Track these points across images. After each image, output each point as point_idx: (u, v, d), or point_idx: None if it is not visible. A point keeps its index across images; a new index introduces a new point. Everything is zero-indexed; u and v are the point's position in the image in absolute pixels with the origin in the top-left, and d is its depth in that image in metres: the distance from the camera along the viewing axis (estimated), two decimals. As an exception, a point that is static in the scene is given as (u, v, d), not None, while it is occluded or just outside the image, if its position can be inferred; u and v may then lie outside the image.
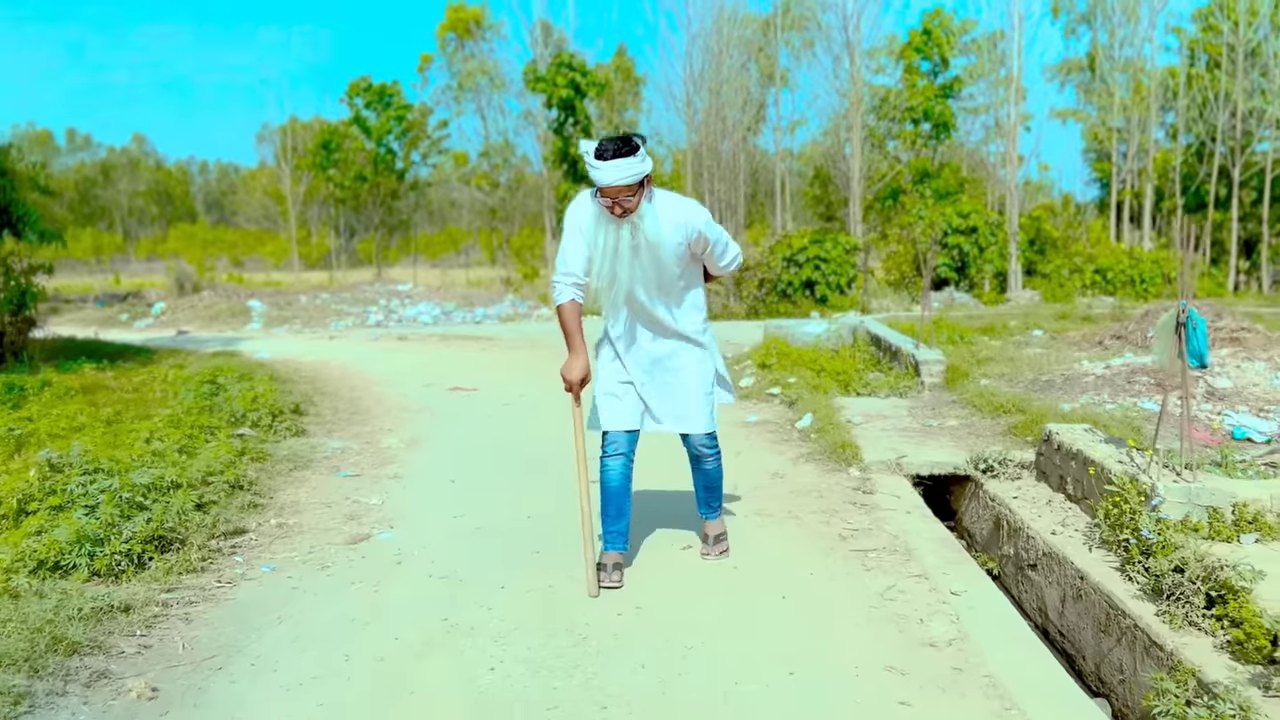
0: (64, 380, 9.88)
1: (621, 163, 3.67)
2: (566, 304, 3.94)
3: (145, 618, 3.70)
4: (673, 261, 3.98)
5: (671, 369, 4.18)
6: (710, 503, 4.48)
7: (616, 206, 3.78)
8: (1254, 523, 4.28)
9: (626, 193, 3.75)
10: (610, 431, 4.16)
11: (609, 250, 3.85)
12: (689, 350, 4.20)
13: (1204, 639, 3.52)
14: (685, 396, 4.19)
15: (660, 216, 3.89)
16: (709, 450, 4.31)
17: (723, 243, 4.14)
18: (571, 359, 3.96)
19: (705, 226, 3.98)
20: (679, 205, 3.98)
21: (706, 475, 4.40)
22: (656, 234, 3.86)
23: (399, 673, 3.27)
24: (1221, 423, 6.78)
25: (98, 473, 5.11)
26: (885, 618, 3.77)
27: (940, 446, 6.68)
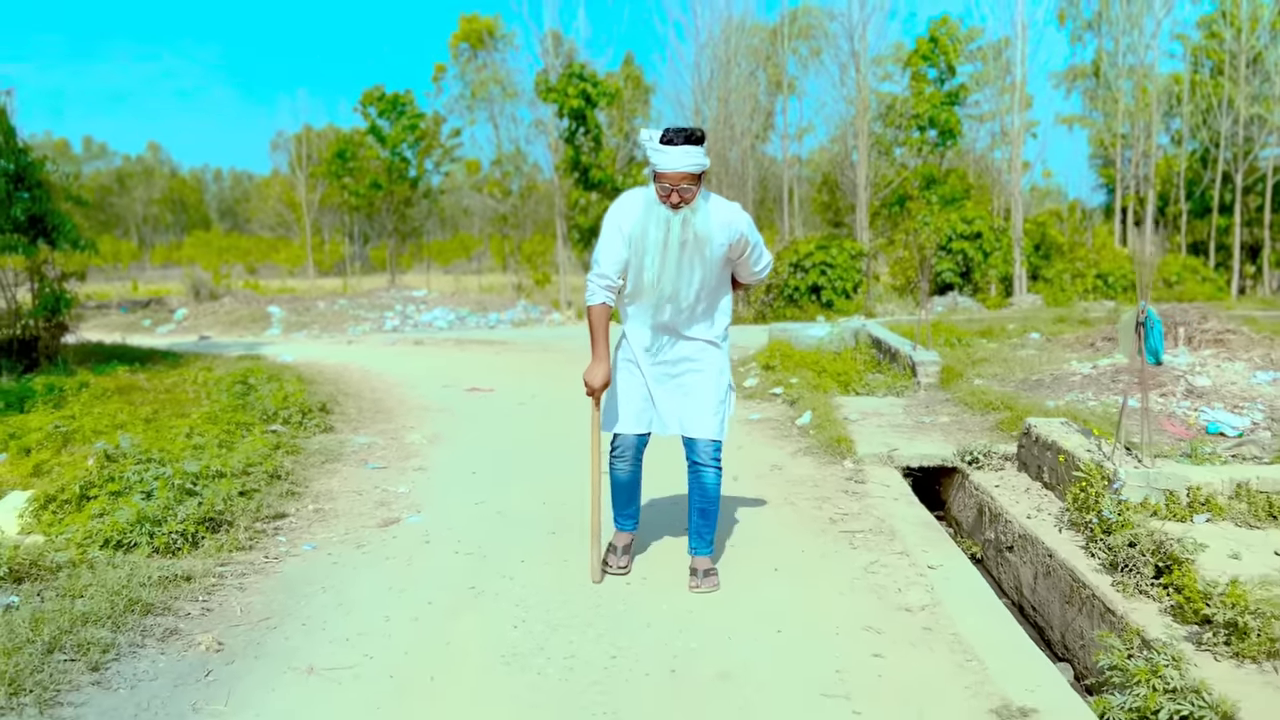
0: (100, 382, 10.35)
1: (690, 149, 3.70)
2: (597, 306, 3.94)
3: (204, 586, 4.15)
4: (715, 262, 3.96)
5: (690, 372, 4.12)
6: (703, 533, 4.24)
7: (675, 194, 3.76)
8: (1206, 504, 4.70)
9: (687, 181, 3.74)
10: (620, 434, 4.18)
11: (657, 244, 3.83)
12: (709, 354, 4.14)
13: (1151, 605, 3.94)
14: (700, 401, 4.11)
15: (713, 213, 3.90)
16: (713, 460, 4.16)
17: (759, 248, 4.13)
18: (595, 364, 3.96)
19: (748, 229, 3.99)
20: (725, 206, 3.97)
21: (704, 491, 4.19)
22: (707, 229, 3.84)
23: (435, 629, 3.72)
24: (1198, 418, 7.18)
25: (150, 462, 5.57)
26: (867, 587, 4.20)
27: (931, 441, 7.09)
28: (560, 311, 25.58)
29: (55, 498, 5.33)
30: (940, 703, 3.12)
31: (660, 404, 4.14)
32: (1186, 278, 22.60)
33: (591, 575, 4.19)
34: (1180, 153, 30.09)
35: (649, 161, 3.80)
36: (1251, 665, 3.35)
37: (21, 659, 3.13)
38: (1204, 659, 3.42)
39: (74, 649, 3.33)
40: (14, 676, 3.04)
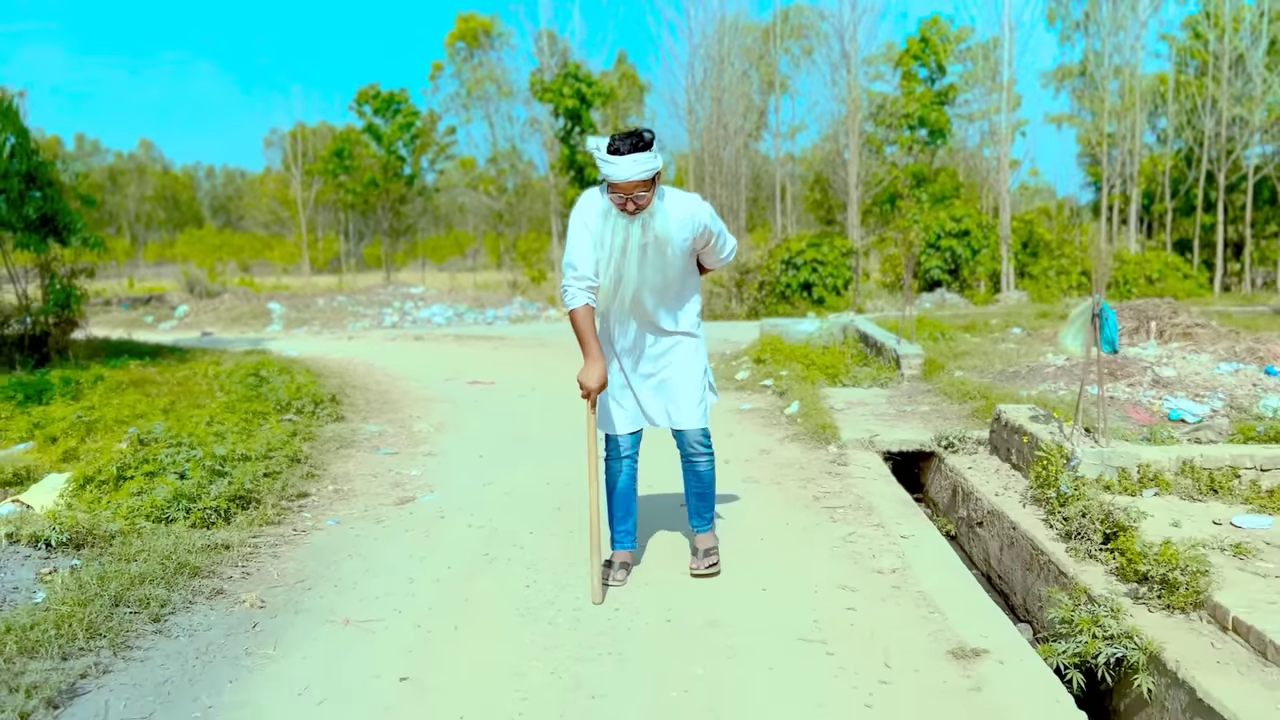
0: (114, 375, 10.73)
1: (638, 157, 3.62)
2: (580, 309, 3.86)
3: (242, 554, 4.56)
4: (679, 258, 3.95)
5: (666, 365, 4.14)
6: (702, 513, 4.35)
7: (630, 204, 3.72)
8: (1154, 480, 5.14)
9: (640, 189, 3.69)
10: (613, 435, 4.20)
11: (618, 250, 3.81)
12: (684, 344, 4.16)
13: (1099, 567, 4.37)
14: (681, 392, 4.14)
15: (673, 211, 3.87)
16: (703, 449, 4.21)
17: (723, 235, 4.13)
18: (589, 365, 3.88)
19: (710, 220, 3.97)
20: (683, 200, 3.93)
21: (699, 479, 4.27)
22: (666, 231, 3.82)
23: (455, 588, 4.14)
24: (1161, 406, 7.62)
25: (181, 446, 5.98)
26: (844, 554, 4.63)
27: (910, 428, 7.53)
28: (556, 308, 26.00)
29: (93, 478, 5.73)
30: (904, 646, 3.55)
31: (643, 400, 4.17)
32: (1168, 275, 23.09)
33: (592, 596, 3.97)
34: (1165, 152, 30.59)
35: (599, 171, 3.73)
36: (1179, 615, 3.78)
37: (93, 609, 3.55)
38: (1139, 610, 3.85)
39: (136, 603, 3.74)
40: (90, 623, 3.46)
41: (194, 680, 3.25)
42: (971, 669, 3.37)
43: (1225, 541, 4.33)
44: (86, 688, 3.14)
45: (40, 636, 3.29)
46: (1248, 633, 3.48)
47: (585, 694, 3.15)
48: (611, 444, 4.22)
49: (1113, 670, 3.65)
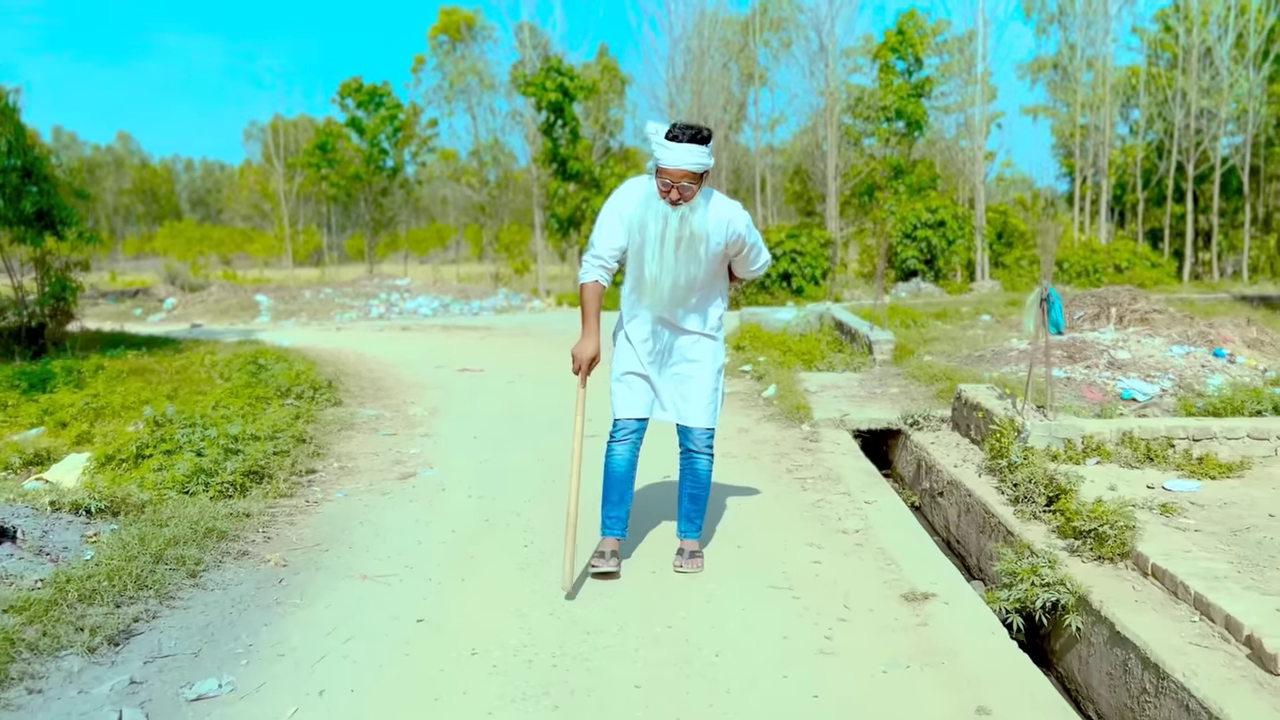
0: (114, 364, 11.07)
1: (693, 148, 3.71)
2: (590, 283, 3.98)
3: (262, 522, 4.97)
4: (710, 259, 3.98)
5: (685, 361, 4.19)
6: (693, 517, 4.36)
7: (674, 191, 3.78)
8: (1097, 449, 5.62)
9: (688, 179, 3.75)
10: (621, 418, 4.23)
11: (654, 239, 3.86)
12: (704, 344, 4.21)
13: (1042, 526, 4.84)
14: (694, 389, 4.19)
15: (712, 212, 3.93)
16: (706, 448, 4.27)
17: (758, 247, 4.17)
18: (584, 339, 3.97)
19: (746, 230, 4.02)
20: (725, 204, 3.99)
21: (696, 478, 4.30)
22: (703, 227, 3.87)
23: (460, 549, 4.57)
24: (1114, 386, 8.11)
25: (194, 426, 6.37)
26: (813, 517, 5.08)
27: (879, 408, 8.00)
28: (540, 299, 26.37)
29: (114, 457, 6.12)
30: (862, 591, 4.01)
31: (659, 392, 4.22)
32: (1137, 263, 23.71)
33: (563, 584, 3.94)
34: (1137, 143, 31.25)
35: (652, 155, 3.79)
36: (1108, 564, 4.25)
37: (138, 565, 3.95)
38: (1074, 562, 4.32)
39: (174, 561, 4.15)
40: (137, 576, 3.86)
41: (233, 624, 3.66)
42: (920, 609, 3.83)
43: (1155, 502, 4.81)
44: (140, 629, 3.55)
45: (96, 586, 3.70)
46: (1163, 576, 3.95)
47: (581, 630, 3.59)
48: (618, 426, 4.23)
49: (1049, 614, 4.11)
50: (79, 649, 3.30)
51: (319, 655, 3.40)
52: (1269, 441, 5.59)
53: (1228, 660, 3.28)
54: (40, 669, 3.16)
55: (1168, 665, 3.29)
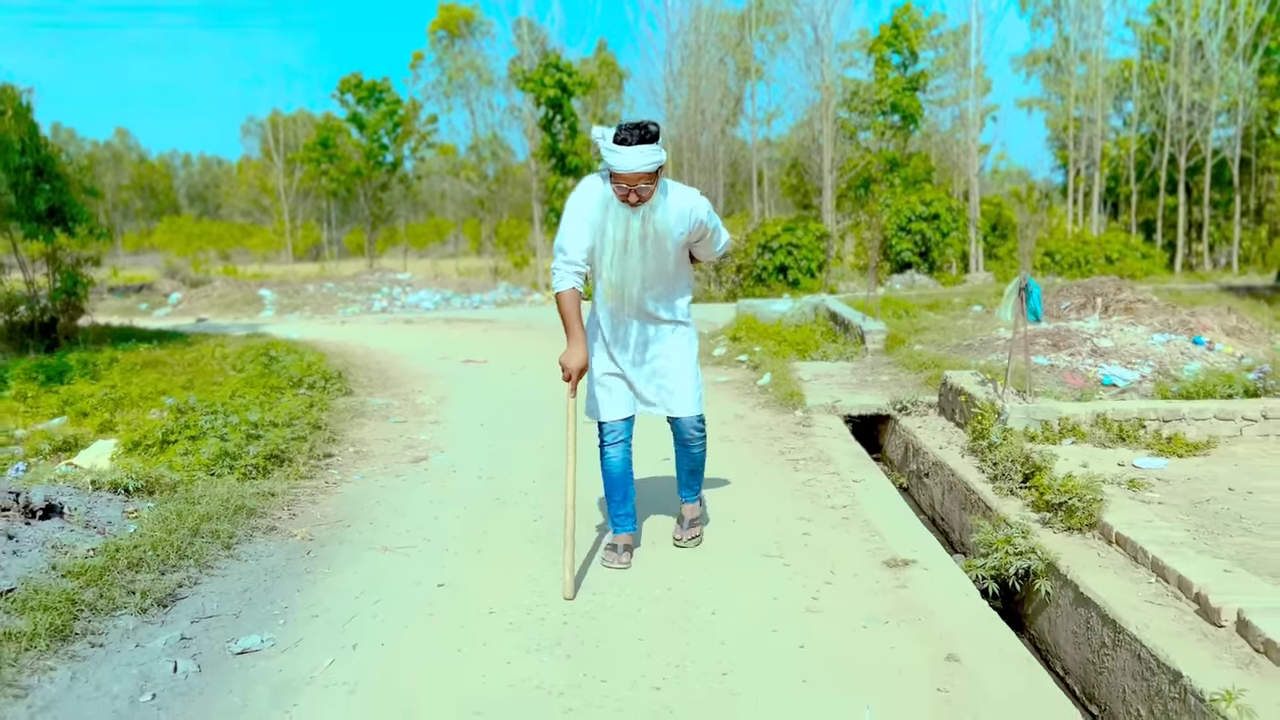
0: (128, 357, 11.38)
1: (644, 149, 3.65)
2: (567, 292, 3.90)
3: (286, 501, 5.29)
4: (674, 250, 3.97)
5: (661, 354, 4.19)
6: (692, 485, 4.51)
7: (632, 195, 3.73)
8: (1073, 430, 5.94)
9: (644, 180, 3.70)
10: (605, 422, 4.22)
11: (618, 242, 3.84)
12: (677, 333, 4.22)
13: (1018, 501, 5.16)
14: (675, 379, 4.21)
15: (672, 204, 3.90)
16: (698, 434, 4.34)
17: (717, 229, 4.15)
18: (571, 347, 3.94)
19: (707, 215, 3.99)
20: (682, 194, 3.94)
21: (692, 459, 4.41)
22: (666, 223, 3.85)
23: (473, 523, 4.89)
24: (1096, 373, 8.44)
25: (216, 413, 6.69)
26: (804, 494, 5.41)
27: (870, 395, 8.32)
28: (540, 293, 26.68)
29: (140, 443, 6.43)
30: (847, 558, 4.33)
31: (639, 387, 4.22)
32: (1128, 255, 24.04)
33: (564, 591, 3.90)
34: (1131, 135, 31.55)
35: (603, 160, 3.76)
36: (1077, 534, 4.57)
37: (178, 537, 4.27)
38: (1046, 533, 4.64)
39: (209, 535, 4.47)
40: (178, 547, 4.19)
41: (268, 589, 3.99)
42: (901, 574, 4.16)
43: (1123, 478, 5.14)
44: (184, 594, 3.88)
45: (142, 556, 4.02)
46: (1125, 543, 4.28)
47: (588, 591, 3.92)
48: (604, 430, 4.22)
49: (1021, 580, 4.44)
50: (132, 609, 3.62)
51: (349, 615, 3.72)
52: (1234, 422, 5.92)
53: (1178, 615, 3.60)
54: (100, 626, 3.49)
55: (1124, 620, 3.61)
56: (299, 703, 3.04)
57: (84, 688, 3.08)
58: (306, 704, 3.04)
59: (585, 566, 4.25)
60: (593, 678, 3.18)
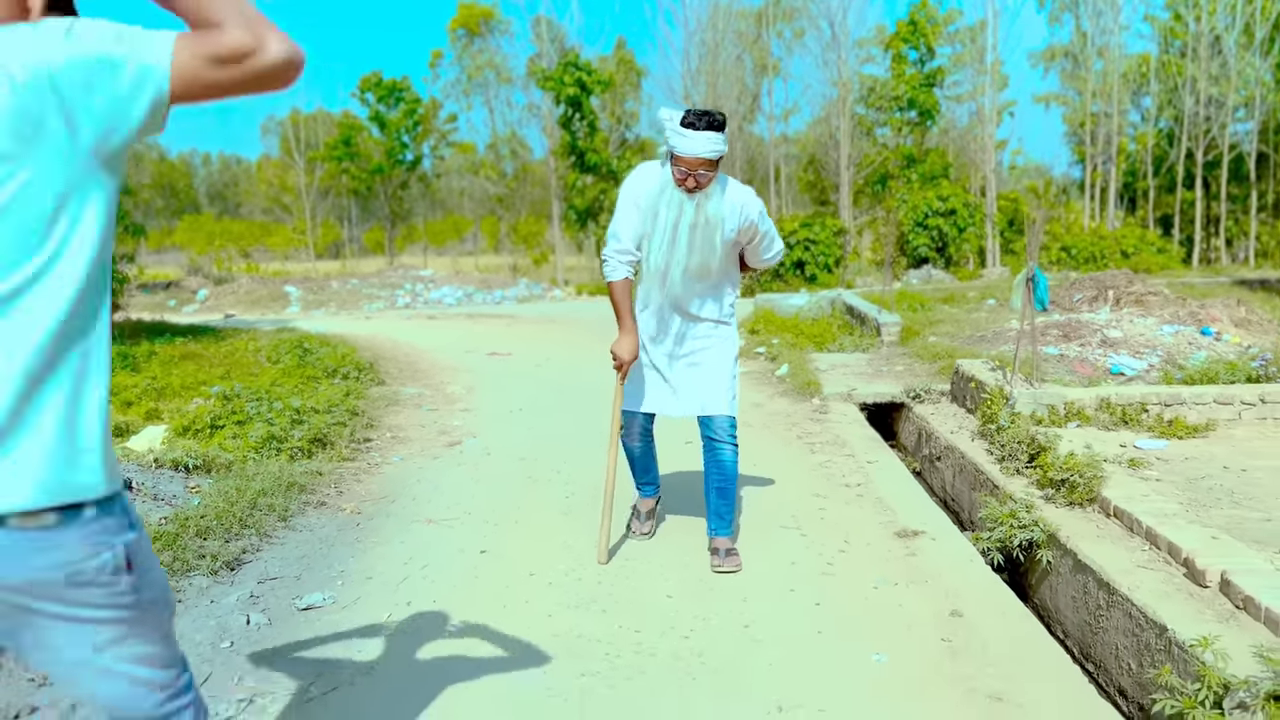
0: (165, 350, 11.78)
1: (711, 135, 3.64)
2: (619, 282, 3.94)
3: (332, 479, 5.63)
4: (724, 246, 3.92)
5: (698, 350, 4.14)
6: (722, 513, 4.20)
7: (690, 179, 3.72)
8: (1078, 414, 6.22)
9: (705, 167, 3.69)
10: (627, 410, 4.26)
11: (667, 227, 3.82)
12: (717, 332, 4.16)
13: (1023, 479, 5.44)
14: (711, 378, 4.12)
15: (727, 199, 3.87)
16: (728, 437, 4.15)
17: (770, 235, 4.08)
18: (622, 337, 3.97)
19: (759, 217, 3.95)
20: (739, 190, 3.92)
21: (721, 469, 4.16)
22: (719, 214, 3.82)
23: (510, 499, 5.23)
24: (1105, 362, 8.70)
25: (261, 400, 7.04)
26: (820, 474, 5.71)
27: (885, 384, 8.61)
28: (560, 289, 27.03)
29: (189, 428, 6.79)
30: (860, 530, 4.64)
31: (674, 384, 4.16)
32: (1144, 249, 24.18)
33: (598, 556, 4.17)
34: (1148, 130, 31.63)
35: (667, 141, 3.74)
36: (1077, 508, 4.86)
37: (238, 509, 4.62)
38: (1049, 508, 4.93)
39: (266, 508, 4.81)
40: (239, 517, 4.54)
41: (324, 556, 4.33)
42: (910, 544, 4.46)
43: (1124, 458, 5.41)
44: (248, 559, 4.22)
45: (208, 525, 4.36)
46: (1122, 515, 4.56)
47: (621, 557, 4.24)
48: (626, 419, 4.30)
49: (1025, 552, 4.73)
50: (204, 571, 3.97)
51: (401, 578, 4.05)
52: (1233, 406, 6.18)
53: (1167, 578, 3.88)
54: (177, 585, 3.83)
55: (1117, 583, 3.90)
56: (363, 649, 3.37)
57: (169, 636, 3.42)
58: (370, 650, 3.36)
59: (618, 543, 4.57)
60: (627, 629, 3.50)
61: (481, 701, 2.98)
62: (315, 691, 3.08)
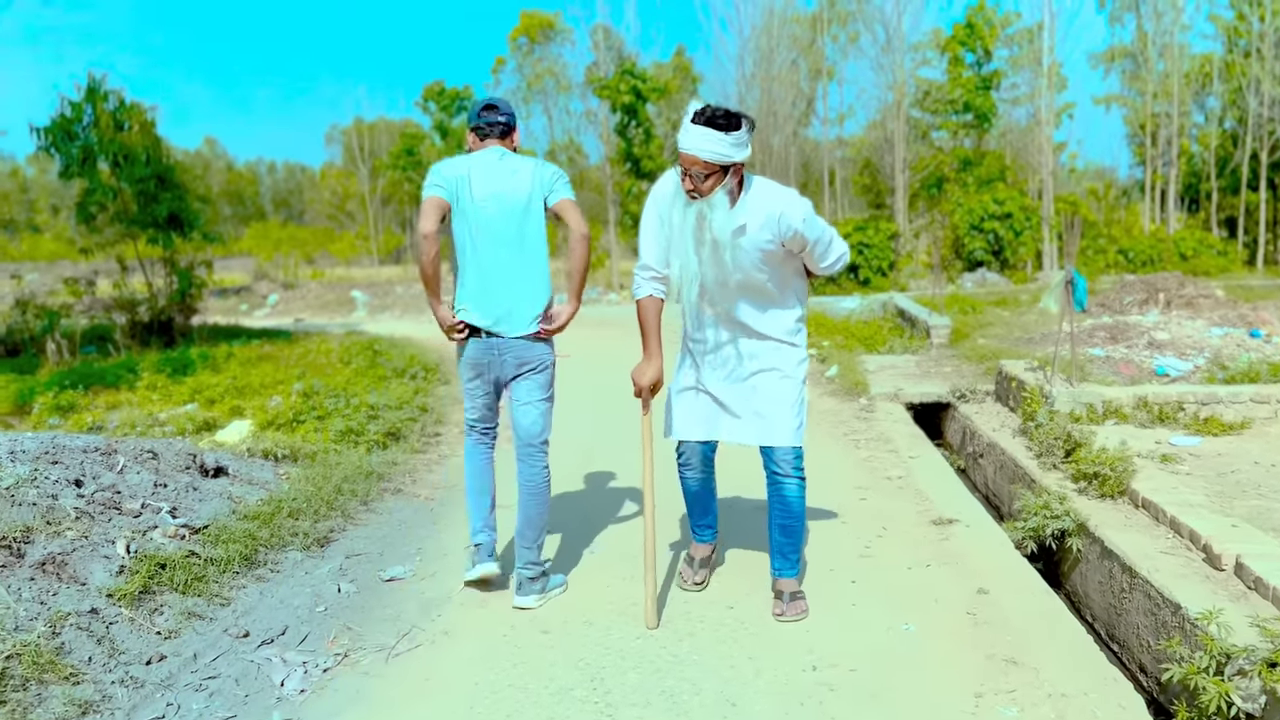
0: (242, 351, 12.42)
1: (708, 133, 3.23)
2: (644, 300, 3.63)
3: (406, 469, 6.07)
4: (758, 260, 3.50)
5: (759, 371, 3.70)
6: (787, 552, 3.80)
7: (687, 179, 3.35)
8: (1115, 413, 6.44)
9: (700, 169, 3.29)
10: (678, 439, 3.93)
11: (681, 231, 3.48)
12: (778, 352, 3.71)
13: (1059, 474, 5.69)
14: (772, 403, 3.68)
15: (751, 209, 3.42)
16: (793, 471, 3.74)
17: (824, 241, 3.55)
18: (644, 362, 3.66)
19: (804, 225, 3.41)
20: (773, 198, 3.43)
21: (785, 505, 3.75)
22: (724, 230, 3.40)
23: (571, 480, 5.62)
24: (1150, 363, 8.84)
25: (339, 397, 7.53)
26: (864, 468, 6.01)
27: (932, 384, 8.85)
28: (615, 293, 27.46)
29: (273, 422, 7.30)
30: (898, 518, 4.94)
31: (732, 408, 3.75)
32: (1203, 251, 23.91)
33: (646, 620, 3.64)
34: (1212, 131, 31.15)
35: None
36: (1108, 500, 5.11)
37: (324, 493, 5.07)
38: (1081, 499, 5.18)
39: (349, 493, 5.26)
40: (326, 500, 4.99)
41: (403, 536, 4.75)
42: (945, 530, 4.76)
43: (1157, 453, 5.64)
44: (335, 537, 4.66)
45: (299, 507, 4.82)
46: (1150, 506, 4.81)
47: (665, 543, 4.60)
48: (682, 449, 3.97)
49: (1057, 541, 4.99)
50: (298, 547, 4.41)
51: (473, 555, 4.46)
52: (1269, 405, 6.35)
53: (1186, 563, 4.14)
54: (275, 558, 4.28)
55: (1138, 567, 4.16)
56: (441, 614, 3.78)
57: (272, 600, 3.86)
58: (448, 615, 3.77)
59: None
60: (676, 600, 3.86)
61: (549, 660, 3.36)
62: (401, 649, 3.49)
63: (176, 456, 4.95)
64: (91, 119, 13.45)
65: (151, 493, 4.40)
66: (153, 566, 3.70)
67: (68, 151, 13.36)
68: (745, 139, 3.30)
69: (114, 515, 4.05)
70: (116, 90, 13.61)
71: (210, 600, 3.74)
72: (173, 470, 4.79)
